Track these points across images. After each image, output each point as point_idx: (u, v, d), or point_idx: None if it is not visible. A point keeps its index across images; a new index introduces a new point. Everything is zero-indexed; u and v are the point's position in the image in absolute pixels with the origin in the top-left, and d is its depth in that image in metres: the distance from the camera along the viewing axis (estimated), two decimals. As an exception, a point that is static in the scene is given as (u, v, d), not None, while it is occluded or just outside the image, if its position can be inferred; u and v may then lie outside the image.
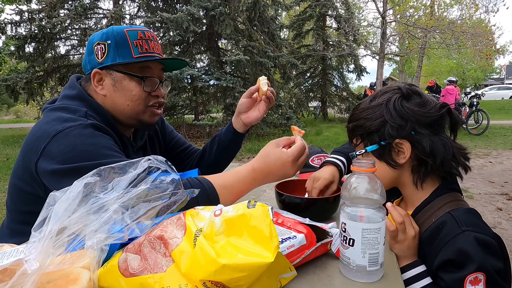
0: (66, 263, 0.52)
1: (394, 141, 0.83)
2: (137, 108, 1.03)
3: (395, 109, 0.83)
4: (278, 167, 0.87)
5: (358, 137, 0.90)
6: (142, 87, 1.01)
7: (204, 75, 8.32)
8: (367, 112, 0.87)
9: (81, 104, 0.98)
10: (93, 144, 0.87)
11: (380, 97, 0.88)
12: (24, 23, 9.26)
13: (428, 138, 0.82)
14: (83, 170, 0.80)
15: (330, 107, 14.83)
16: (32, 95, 9.44)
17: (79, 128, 0.88)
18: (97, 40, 1.00)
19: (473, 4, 12.52)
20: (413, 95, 0.85)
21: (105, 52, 0.99)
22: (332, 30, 14.96)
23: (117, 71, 1.00)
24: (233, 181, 0.89)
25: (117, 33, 0.99)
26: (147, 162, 0.65)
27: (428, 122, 0.83)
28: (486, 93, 18.62)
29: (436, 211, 0.83)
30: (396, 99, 0.84)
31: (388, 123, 0.83)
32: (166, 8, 9.61)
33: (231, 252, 0.53)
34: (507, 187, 4.41)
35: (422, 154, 0.82)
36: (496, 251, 0.74)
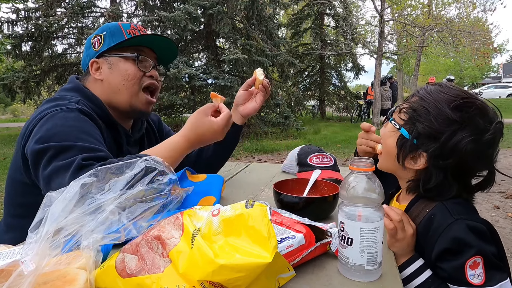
0: (62, 263, 0.52)
1: (421, 152, 0.80)
2: (132, 88, 1.07)
3: (457, 143, 0.75)
4: (210, 135, 0.96)
5: (408, 115, 0.83)
6: (137, 65, 1.06)
7: (202, 74, 8.30)
8: (438, 115, 0.77)
9: (76, 95, 1.02)
10: (72, 126, 0.90)
11: (465, 113, 0.76)
12: (21, 21, 9.20)
13: (442, 179, 0.79)
14: (51, 149, 0.84)
15: (328, 106, 14.86)
16: (29, 94, 9.39)
17: (65, 111, 0.92)
18: (94, 35, 1.09)
19: (471, 3, 12.55)
20: (486, 143, 0.77)
21: (101, 42, 1.07)
22: (330, 29, 14.98)
23: (113, 56, 1.06)
24: (170, 152, 0.95)
25: (112, 25, 1.08)
26: (144, 163, 0.65)
27: (464, 170, 0.79)
28: (483, 91, 18.70)
29: (429, 203, 0.84)
30: (468, 137, 0.75)
31: (438, 144, 0.77)
32: (164, 7, 9.57)
33: (229, 252, 0.52)
34: (504, 186, 4.43)
35: (423, 181, 0.81)
36: (487, 237, 0.77)
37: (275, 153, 6.97)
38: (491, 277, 0.73)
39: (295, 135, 9.14)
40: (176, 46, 1.18)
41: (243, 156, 6.65)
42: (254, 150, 7.15)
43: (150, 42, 1.12)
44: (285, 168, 1.52)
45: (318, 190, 1.07)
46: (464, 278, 0.73)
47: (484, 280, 0.72)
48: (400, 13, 11.74)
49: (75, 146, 0.85)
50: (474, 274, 0.73)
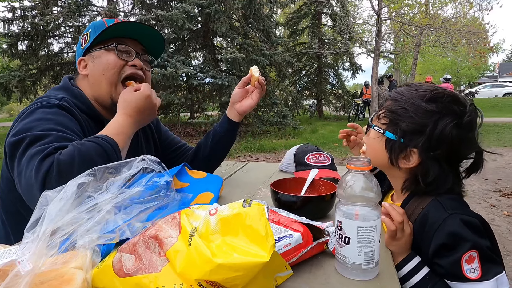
0: (59, 263, 0.52)
1: (411, 149, 0.82)
2: (112, 78, 1.07)
3: (442, 130, 0.78)
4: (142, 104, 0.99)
5: (388, 118, 0.86)
6: (116, 54, 1.07)
7: (199, 73, 8.29)
8: (415, 110, 0.81)
9: (63, 93, 1.05)
10: (49, 120, 0.91)
11: (438, 103, 0.81)
12: (17, 20, 9.13)
13: (438, 170, 0.81)
14: (26, 139, 0.85)
15: (325, 105, 14.88)
16: (25, 93, 9.33)
17: (44, 106, 0.94)
18: (82, 34, 1.12)
19: (467, 2, 12.60)
20: (467, 127, 0.80)
21: (87, 39, 1.09)
22: (328, 28, 14.99)
23: (96, 50, 1.08)
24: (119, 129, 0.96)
25: (97, 22, 1.10)
26: (141, 163, 0.65)
27: (454, 157, 0.82)
28: (480, 90, 18.81)
29: (423, 200, 0.85)
30: (450, 123, 0.78)
31: (426, 136, 0.80)
32: (161, 6, 9.54)
33: (227, 251, 0.52)
34: (500, 184, 4.46)
35: (420, 176, 0.82)
36: (481, 231, 0.78)
37: (272, 152, 6.98)
38: (487, 270, 0.74)
39: (292, 134, 9.15)
40: (160, 34, 1.17)
41: (241, 156, 6.64)
42: (252, 149, 7.15)
43: (132, 32, 1.11)
44: (283, 167, 1.52)
45: (315, 189, 1.07)
46: (461, 273, 0.73)
47: (481, 274, 0.73)
48: (397, 12, 11.76)
49: (51, 135, 0.86)
50: (471, 268, 0.73)
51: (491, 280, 0.73)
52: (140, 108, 0.99)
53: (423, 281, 0.77)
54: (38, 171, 0.78)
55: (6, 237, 1.04)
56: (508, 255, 2.63)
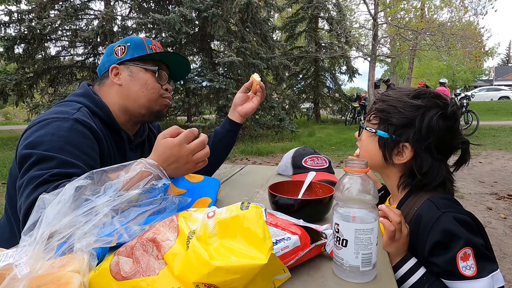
0: (56, 266, 0.51)
1: (404, 143, 0.86)
2: (151, 95, 1.13)
3: (429, 121, 0.83)
4: (168, 154, 0.86)
5: (378, 118, 0.91)
6: (156, 78, 1.13)
7: (196, 76, 8.30)
8: (403, 106, 0.87)
9: (84, 100, 1.06)
10: (61, 136, 0.91)
11: (423, 99, 0.87)
12: (14, 23, 9.11)
13: (431, 160, 0.84)
14: (33, 157, 0.86)
15: (322, 108, 14.93)
16: (21, 96, 9.28)
17: (61, 120, 0.94)
18: (118, 44, 1.15)
19: (463, 7, 12.72)
20: (452, 117, 0.86)
21: (125, 51, 1.13)
22: (324, 32, 15.05)
23: (134, 65, 1.12)
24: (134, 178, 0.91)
25: (136, 39, 1.16)
26: (139, 166, 0.65)
27: (443, 148, 0.86)
28: (475, 94, 18.90)
29: (417, 200, 0.86)
30: (436, 114, 0.84)
31: (414, 129, 0.84)
32: (158, 9, 9.56)
33: (225, 254, 0.52)
34: (496, 187, 4.48)
35: (416, 169, 0.85)
36: (473, 228, 0.79)
37: (270, 155, 6.98)
38: (482, 268, 0.75)
39: (290, 137, 9.17)
40: (189, 64, 1.26)
41: (238, 159, 6.64)
42: (249, 152, 7.15)
43: (167, 58, 1.20)
44: (280, 170, 1.52)
45: (313, 192, 1.07)
46: (457, 270, 0.74)
47: (476, 271, 0.74)
48: (393, 16, 11.86)
49: (56, 158, 0.87)
50: (466, 265, 0.74)
51: (486, 277, 0.74)
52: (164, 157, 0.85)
53: (420, 282, 0.78)
54: (27, 199, 0.81)
55: (10, 232, 1.04)
56: (504, 257, 2.63)
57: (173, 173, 0.88)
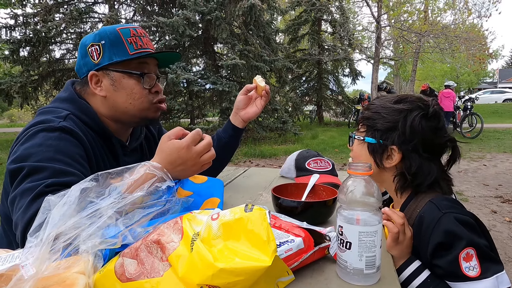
0: (61, 268, 0.52)
1: (391, 146, 0.89)
2: (141, 105, 1.02)
3: (412, 123, 0.87)
4: (175, 156, 0.83)
5: (365, 126, 0.95)
6: (142, 84, 1.01)
7: (200, 79, 8.32)
8: (386, 111, 0.91)
9: (70, 106, 0.98)
10: (50, 146, 0.86)
11: (405, 103, 0.91)
12: (19, 27, 9.21)
13: (419, 160, 0.87)
14: (24, 169, 0.82)
15: (325, 111, 14.90)
16: (26, 99, 9.37)
17: (47, 130, 0.89)
18: (90, 41, 0.99)
19: (466, 9, 12.68)
20: (434, 117, 0.89)
21: (100, 52, 0.98)
22: (327, 35, 15.06)
23: (115, 70, 0.99)
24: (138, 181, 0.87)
25: (110, 32, 0.98)
26: (143, 169, 0.65)
27: (429, 147, 0.88)
28: (479, 96, 18.85)
29: (419, 202, 0.87)
30: (418, 115, 0.87)
31: (398, 131, 0.88)
32: (162, 13, 9.62)
33: (229, 256, 0.52)
34: (501, 190, 4.45)
35: (406, 170, 0.88)
36: (475, 229, 0.79)
37: (273, 158, 6.98)
38: (486, 269, 0.74)
39: (293, 140, 9.16)
40: (179, 55, 1.14)
41: (241, 161, 6.64)
42: (252, 155, 7.15)
43: None
44: (283, 172, 1.52)
45: (316, 195, 1.07)
46: (460, 271, 0.74)
47: (480, 272, 0.73)
48: (396, 19, 11.85)
49: (48, 168, 0.82)
50: (469, 266, 0.74)
51: (490, 278, 0.73)
52: (171, 159, 0.83)
53: (425, 284, 0.78)
54: (25, 213, 0.77)
55: (8, 245, 1.03)
56: (510, 261, 2.61)
57: (179, 175, 0.87)
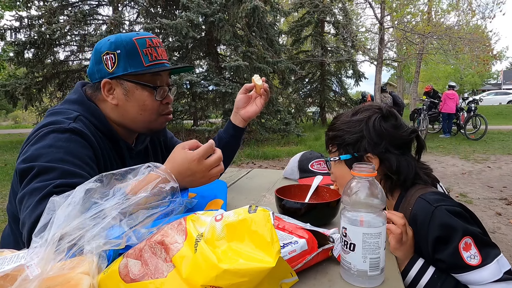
0: (66, 268, 0.52)
1: (366, 155, 0.92)
2: (150, 117, 1.04)
3: (374, 127, 0.92)
4: (185, 167, 0.85)
5: (335, 146, 0.99)
6: (155, 96, 1.02)
7: (203, 80, 8.34)
8: (348, 125, 0.96)
9: (79, 108, 0.99)
10: (60, 147, 0.87)
11: (361, 113, 0.96)
12: (24, 29, 9.28)
13: (396, 158, 0.91)
14: (34, 169, 0.83)
15: (328, 112, 14.87)
16: (31, 100, 9.43)
17: (57, 131, 0.90)
18: (106, 49, 0.99)
19: (470, 10, 12.63)
20: (391, 116, 0.95)
21: (115, 61, 0.98)
22: (331, 36, 15.05)
23: (129, 80, 1.00)
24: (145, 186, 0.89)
25: (126, 42, 0.98)
26: (147, 170, 0.66)
27: (398, 144, 0.92)
28: (483, 98, 18.72)
29: (410, 200, 0.89)
30: (376, 119, 0.93)
31: (366, 139, 0.92)
32: (166, 14, 9.65)
33: (232, 257, 0.53)
34: (506, 192, 4.41)
35: (388, 171, 0.91)
36: (467, 218, 0.81)
37: (276, 159, 6.97)
38: (486, 255, 0.76)
39: (296, 141, 9.15)
40: (192, 68, 1.16)
41: (244, 163, 6.64)
42: (255, 156, 7.15)
43: None
44: (287, 174, 1.52)
45: (319, 196, 1.07)
46: (462, 261, 0.75)
47: (481, 259, 0.75)
48: (400, 20, 11.82)
49: (57, 169, 0.84)
50: (470, 255, 0.76)
51: (492, 263, 0.75)
52: (181, 171, 0.85)
53: (432, 281, 0.78)
54: (32, 212, 0.78)
55: (15, 242, 1.04)
56: (514, 264, 2.59)
57: (186, 185, 0.89)
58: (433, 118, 10.31)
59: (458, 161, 6.49)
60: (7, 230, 1.07)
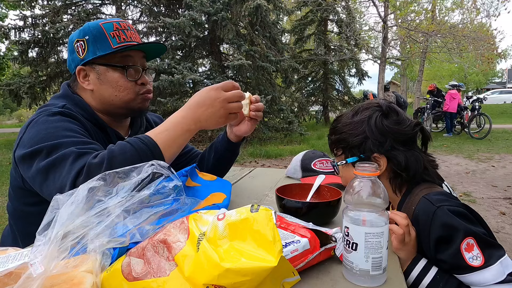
0: (69, 266, 0.52)
1: (373, 155, 0.91)
2: (126, 97, 1.05)
3: (376, 126, 0.91)
4: (204, 96, 0.89)
5: (340, 149, 0.98)
6: (126, 76, 1.03)
7: (206, 79, 8.35)
8: (350, 127, 0.95)
9: (65, 100, 1.02)
10: (56, 127, 0.90)
11: (361, 112, 0.95)
12: (28, 28, 9.33)
13: (403, 154, 0.90)
14: (44, 150, 0.85)
15: (331, 111, 14.84)
16: (35, 99, 9.49)
17: (47, 115, 0.93)
18: (76, 37, 1.03)
19: (474, 9, 12.55)
20: (391, 112, 0.93)
21: (85, 48, 1.01)
22: (334, 35, 15.01)
23: (99, 64, 1.02)
24: (167, 125, 0.89)
25: (93, 27, 1.01)
26: (150, 168, 0.66)
27: (403, 139, 0.92)
28: (488, 97, 18.64)
29: (414, 199, 0.89)
30: (377, 117, 0.92)
31: (370, 139, 0.91)
32: (169, 13, 9.66)
33: (235, 256, 0.53)
34: (510, 192, 4.39)
35: (397, 168, 0.90)
36: (470, 218, 0.80)
37: (278, 158, 6.97)
38: (489, 256, 0.75)
39: (298, 140, 9.14)
40: (165, 47, 1.14)
41: (247, 161, 6.65)
42: (258, 155, 7.15)
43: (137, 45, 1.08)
44: (289, 173, 1.52)
45: (321, 195, 1.07)
46: (464, 262, 0.75)
47: (484, 260, 0.74)
48: (403, 19, 11.76)
49: (65, 142, 0.85)
50: (472, 256, 0.75)
51: (495, 264, 0.74)
52: (200, 100, 0.88)
53: (435, 281, 0.78)
54: (70, 170, 0.79)
55: (13, 241, 1.05)
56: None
57: (207, 118, 0.89)
58: (437, 117, 10.27)
59: (462, 160, 6.46)
60: (7, 229, 1.09)
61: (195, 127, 0.90)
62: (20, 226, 1.04)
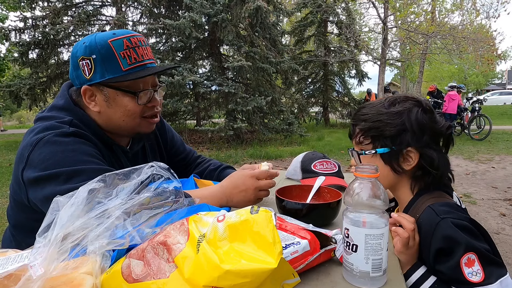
0: (69, 268, 0.52)
1: (407, 149, 0.87)
2: (133, 122, 1.00)
3: (416, 119, 0.87)
4: (241, 181, 0.97)
5: (368, 138, 0.92)
6: (137, 101, 0.97)
7: (206, 81, 8.35)
8: (387, 116, 0.90)
9: (68, 114, 0.96)
10: (74, 151, 0.87)
11: (400, 103, 0.91)
12: (28, 29, 9.34)
13: (436, 152, 0.88)
14: (62, 175, 0.83)
15: (331, 113, 14.84)
16: (35, 100, 9.49)
17: (61, 135, 0.88)
18: (81, 54, 0.93)
19: (474, 10, 12.56)
20: (430, 110, 0.91)
21: (92, 68, 0.93)
22: (334, 36, 15.02)
23: (108, 86, 0.95)
24: (205, 194, 0.96)
25: (101, 46, 0.92)
26: (150, 169, 0.66)
27: (437, 139, 0.90)
28: (488, 98, 18.63)
29: (420, 207, 0.87)
30: (418, 111, 0.89)
31: (408, 132, 0.87)
32: (169, 15, 9.68)
33: (234, 257, 0.53)
34: (510, 193, 4.38)
35: (429, 166, 0.87)
36: (475, 233, 0.78)
37: (278, 159, 6.97)
38: (490, 273, 0.73)
39: (298, 141, 9.14)
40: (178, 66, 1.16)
41: (247, 163, 6.64)
42: (258, 156, 7.14)
43: None
44: (289, 174, 1.52)
45: (321, 197, 1.07)
46: (463, 277, 0.73)
47: (484, 277, 0.72)
48: (403, 20, 11.78)
49: (86, 170, 0.84)
50: (472, 271, 0.73)
51: (495, 283, 0.72)
52: (237, 183, 0.98)
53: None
54: None
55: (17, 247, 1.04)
56: (519, 265, 2.57)
57: (238, 200, 0.97)
58: (437, 118, 10.24)
59: (462, 162, 6.46)
60: (8, 233, 1.07)
61: (226, 204, 0.97)
62: (22, 236, 1.01)
